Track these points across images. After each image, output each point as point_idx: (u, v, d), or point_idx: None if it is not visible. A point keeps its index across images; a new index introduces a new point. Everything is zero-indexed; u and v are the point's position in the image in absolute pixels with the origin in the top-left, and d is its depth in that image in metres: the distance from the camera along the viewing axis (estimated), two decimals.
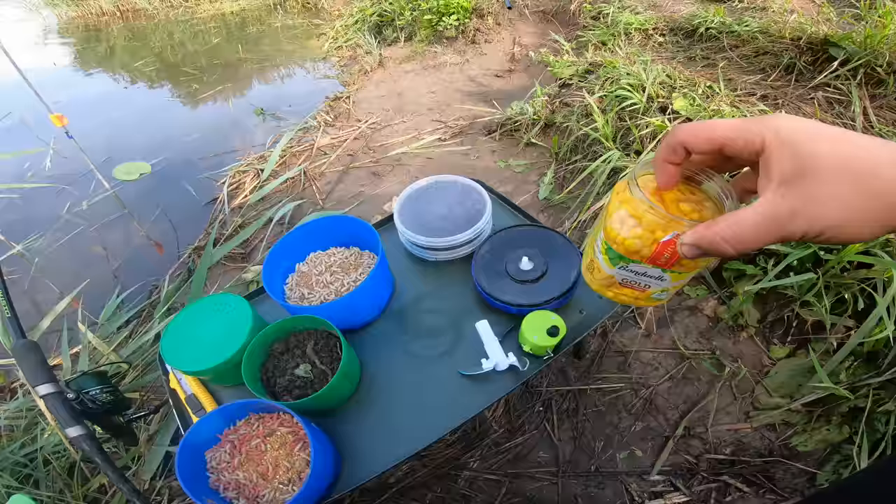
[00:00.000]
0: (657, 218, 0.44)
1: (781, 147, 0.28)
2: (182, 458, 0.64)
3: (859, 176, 0.26)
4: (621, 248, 0.48)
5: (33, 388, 0.71)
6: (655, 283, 0.53)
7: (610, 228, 0.49)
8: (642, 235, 0.46)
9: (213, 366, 0.73)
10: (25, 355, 0.72)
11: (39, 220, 1.99)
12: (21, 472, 1.08)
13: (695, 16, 2.51)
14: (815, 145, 0.27)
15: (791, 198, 0.27)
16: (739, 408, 1.09)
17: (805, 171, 0.27)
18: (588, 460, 1.05)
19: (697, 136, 0.32)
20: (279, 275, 0.88)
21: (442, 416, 0.75)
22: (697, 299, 1.28)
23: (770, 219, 0.28)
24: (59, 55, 4.12)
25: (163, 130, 2.68)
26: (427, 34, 3.35)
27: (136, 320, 1.53)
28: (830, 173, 0.26)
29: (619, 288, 0.56)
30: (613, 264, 0.52)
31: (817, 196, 0.27)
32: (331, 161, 2.13)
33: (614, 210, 0.49)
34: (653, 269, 0.50)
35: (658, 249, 0.46)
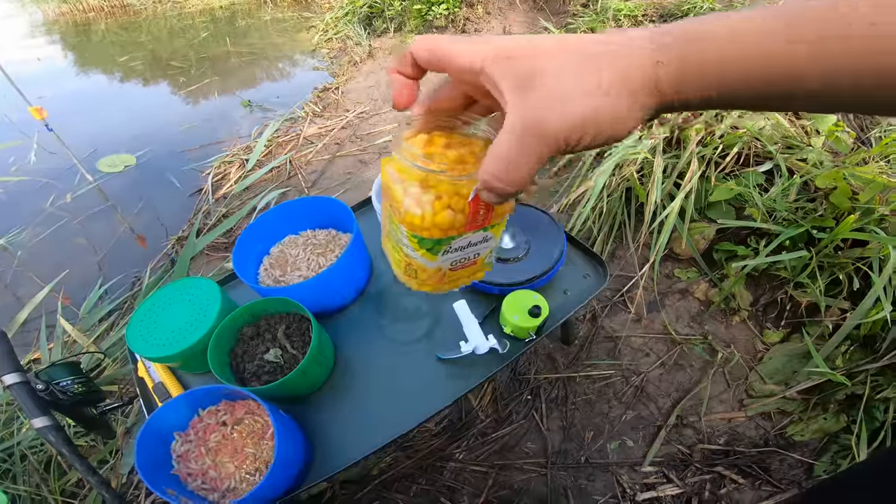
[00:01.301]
0: (447, 180, 0.39)
1: (505, 60, 0.25)
2: (142, 446, 0.60)
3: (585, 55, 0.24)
4: (435, 231, 0.42)
5: None
6: (483, 246, 0.49)
7: (409, 217, 0.42)
8: (448, 207, 0.41)
9: (178, 351, 0.70)
10: None
11: (23, 214, 1.96)
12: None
13: (685, 1, 2.50)
14: (536, 45, 0.25)
15: (531, 102, 0.24)
16: (733, 395, 1.07)
17: (534, 72, 0.24)
18: (578, 451, 1.03)
19: (423, 48, 0.29)
20: (252, 258, 0.84)
21: (420, 402, 0.72)
22: (688, 282, 1.25)
23: (522, 132, 0.25)
24: (45, 51, 4.06)
25: (149, 123, 2.65)
26: (417, 24, 3.31)
27: (118, 312, 1.51)
28: (558, 63, 0.24)
29: (452, 274, 0.52)
30: (435, 254, 0.46)
31: (555, 90, 0.24)
32: (317, 150, 2.10)
33: (402, 195, 0.42)
34: (475, 235, 0.45)
35: (472, 211, 0.41)
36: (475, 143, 0.39)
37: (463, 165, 0.38)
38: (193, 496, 0.62)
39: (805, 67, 0.21)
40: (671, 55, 0.23)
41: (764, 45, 0.22)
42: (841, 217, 1.07)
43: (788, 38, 0.21)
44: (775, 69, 0.22)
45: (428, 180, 0.39)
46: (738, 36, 0.22)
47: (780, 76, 0.22)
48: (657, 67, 0.24)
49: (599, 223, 1.33)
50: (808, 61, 0.21)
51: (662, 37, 0.24)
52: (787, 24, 0.21)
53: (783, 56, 0.22)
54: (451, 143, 0.39)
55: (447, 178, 0.38)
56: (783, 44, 0.21)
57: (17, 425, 1.14)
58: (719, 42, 0.23)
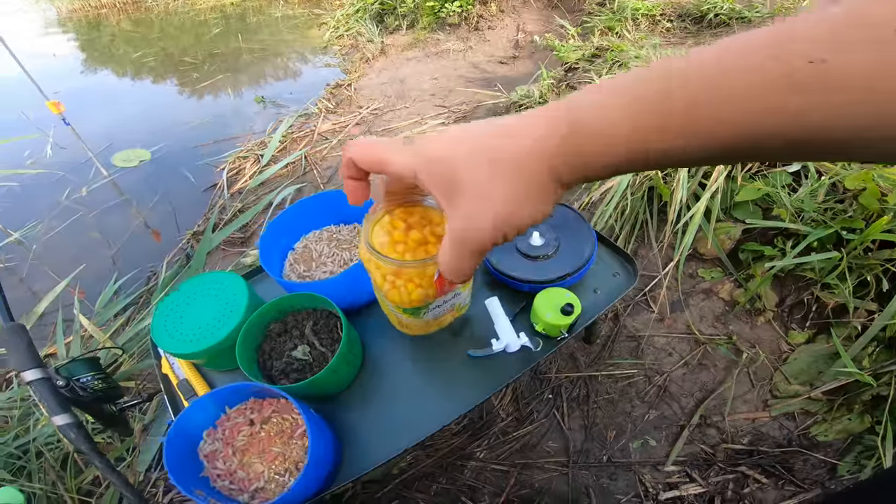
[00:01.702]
0: (416, 269, 0.50)
1: (432, 165, 0.28)
2: (170, 446, 0.59)
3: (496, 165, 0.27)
4: (415, 304, 0.55)
5: (20, 374, 0.66)
6: (456, 299, 0.63)
7: (392, 297, 0.54)
8: (419, 287, 0.52)
9: (206, 347, 0.69)
10: (12, 339, 0.68)
11: (38, 208, 1.96)
12: (14, 465, 1.05)
13: (704, 2, 2.48)
14: (452, 153, 0.28)
15: (457, 215, 0.28)
16: (757, 395, 1.05)
17: (455, 183, 0.28)
18: (600, 450, 1.01)
19: (363, 155, 0.32)
20: (277, 253, 0.83)
21: (450, 400, 0.71)
22: (712, 282, 1.23)
23: (457, 241, 0.29)
24: (59, 47, 4.08)
25: (163, 119, 2.66)
26: (429, 21, 3.30)
27: (134, 307, 1.50)
28: (473, 176, 0.27)
29: (437, 320, 0.66)
30: (418, 316, 0.60)
31: (472, 205, 0.27)
32: (332, 146, 2.09)
33: (381, 283, 0.54)
34: (447, 297, 0.59)
35: (438, 287, 0.52)
36: (433, 215, 0.49)
37: (425, 247, 0.49)
38: (221, 497, 0.61)
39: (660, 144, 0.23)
40: (563, 152, 0.26)
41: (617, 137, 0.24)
42: (870, 218, 1.05)
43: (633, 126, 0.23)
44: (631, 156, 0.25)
45: (400, 273, 0.51)
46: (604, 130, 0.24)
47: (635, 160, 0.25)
48: (556, 164, 0.26)
49: (621, 222, 1.31)
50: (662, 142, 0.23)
51: (555, 128, 0.26)
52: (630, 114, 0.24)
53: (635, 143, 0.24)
54: (412, 223, 0.49)
55: (414, 268, 0.49)
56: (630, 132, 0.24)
57: (32, 421, 1.13)
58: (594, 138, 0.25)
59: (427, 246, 0.51)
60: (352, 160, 0.32)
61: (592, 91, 0.26)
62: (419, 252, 0.50)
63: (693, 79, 0.21)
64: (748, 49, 0.20)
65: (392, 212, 0.52)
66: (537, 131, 0.26)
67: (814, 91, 0.18)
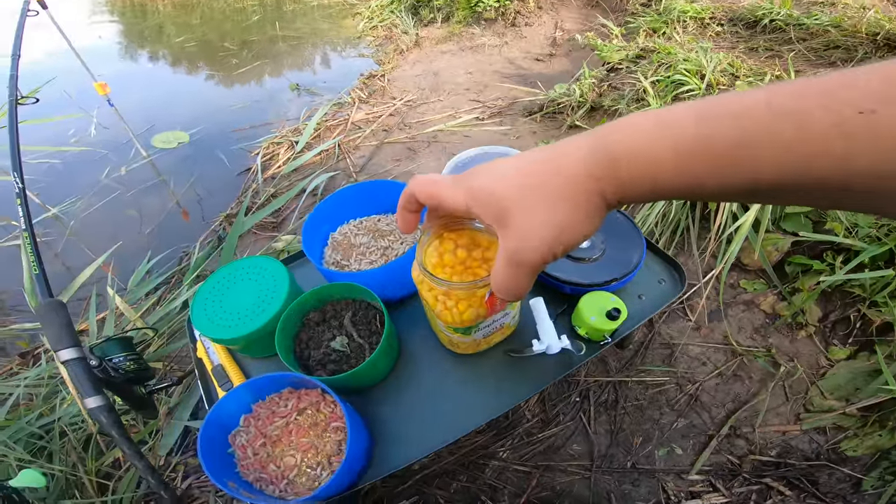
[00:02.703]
0: (466, 290, 0.52)
1: (482, 198, 0.31)
2: (205, 436, 0.58)
3: (543, 193, 0.29)
4: (466, 324, 0.57)
5: (55, 353, 0.66)
6: (507, 318, 0.64)
7: (443, 317, 0.57)
8: (471, 307, 0.55)
9: (245, 333, 0.68)
10: (50, 315, 0.68)
11: (78, 185, 2.00)
12: (35, 445, 1.05)
13: (758, 7, 2.40)
14: (501, 185, 0.30)
15: (509, 238, 0.30)
16: (790, 409, 1.02)
17: (505, 212, 0.30)
18: (625, 456, 1.00)
19: (423, 191, 0.35)
20: (318, 240, 0.82)
21: (486, 400, 0.69)
22: (754, 294, 1.19)
23: (511, 261, 0.31)
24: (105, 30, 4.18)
25: (202, 103, 2.70)
26: (465, 15, 3.27)
27: (165, 287, 1.51)
28: (521, 205, 0.29)
29: (486, 339, 0.67)
30: (468, 334, 0.61)
31: (523, 228, 0.29)
32: (365, 135, 2.09)
33: (433, 304, 0.56)
34: (497, 316, 0.60)
35: (489, 307, 0.55)
36: (481, 238, 0.52)
37: (474, 270, 0.51)
38: (253, 489, 0.60)
39: (703, 178, 0.24)
40: (608, 175, 0.27)
41: (661, 168, 0.25)
42: None
43: (676, 160, 0.24)
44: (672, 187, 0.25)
45: (450, 294, 0.54)
46: (648, 160, 0.25)
47: (677, 190, 0.26)
48: (599, 185, 0.27)
49: (662, 227, 1.27)
50: (706, 176, 0.24)
51: (601, 152, 0.27)
52: (673, 146, 0.24)
53: (677, 176, 0.25)
54: (462, 245, 0.52)
55: (465, 289, 0.52)
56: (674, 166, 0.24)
57: (58, 400, 1.12)
58: (638, 167, 0.26)
59: (476, 268, 0.53)
60: (413, 195, 0.36)
61: (638, 119, 0.26)
62: (467, 274, 0.53)
63: (739, 119, 0.22)
64: (799, 95, 0.20)
65: (442, 235, 0.54)
66: (580, 152, 0.28)
67: (862, 139, 0.19)
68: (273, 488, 0.60)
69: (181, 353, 1.27)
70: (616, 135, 0.27)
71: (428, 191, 0.35)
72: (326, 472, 0.60)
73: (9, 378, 1.23)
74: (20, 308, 1.51)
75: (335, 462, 0.60)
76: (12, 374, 1.28)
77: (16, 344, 1.39)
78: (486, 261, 0.55)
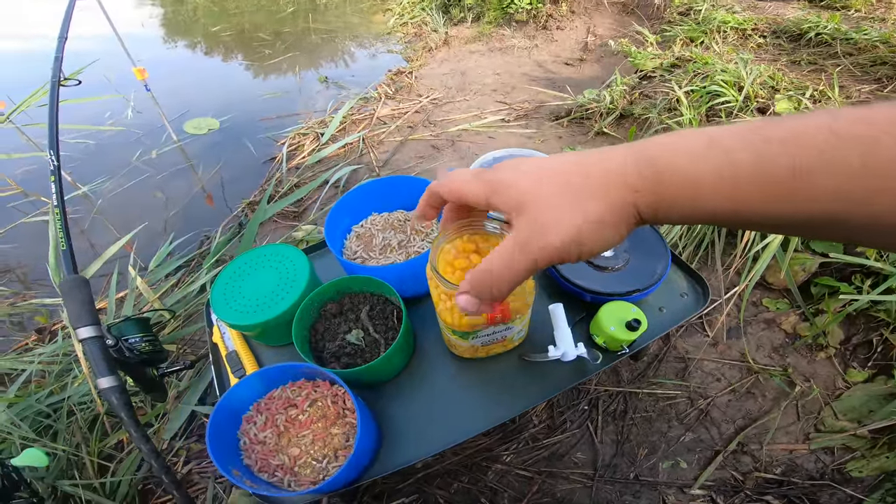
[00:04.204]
0: None
1: (501, 194, 0.30)
2: (214, 422, 0.58)
3: (567, 186, 0.28)
4: (462, 328, 0.57)
5: (74, 329, 0.67)
6: (507, 332, 0.63)
7: (443, 316, 0.57)
8: None
9: (262, 320, 0.68)
10: (73, 292, 0.68)
11: (110, 166, 2.05)
12: (41, 423, 1.05)
13: (804, 20, 2.35)
14: (525, 179, 0.29)
15: (526, 219, 0.29)
16: (801, 428, 1.01)
17: (523, 204, 0.29)
18: (628, 466, 0.99)
19: (445, 186, 0.36)
20: (340, 231, 0.83)
21: (497, 403, 0.68)
22: (776, 313, 1.16)
23: (517, 245, 0.29)
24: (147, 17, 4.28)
25: (234, 90, 2.75)
26: (496, 16, 3.25)
27: (185, 269, 1.54)
28: (537, 196, 0.28)
29: (485, 348, 0.67)
30: (465, 339, 0.61)
31: (540, 215, 0.28)
32: (390, 131, 2.10)
33: (438, 301, 0.57)
34: (497, 327, 0.60)
35: (489, 318, 0.55)
36: (493, 240, 0.52)
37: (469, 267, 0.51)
38: (256, 478, 0.60)
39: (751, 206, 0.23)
40: (646, 189, 0.26)
41: (703, 190, 0.24)
42: None
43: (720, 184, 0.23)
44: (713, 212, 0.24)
45: (452, 293, 0.52)
46: (690, 181, 0.24)
47: (717, 216, 0.24)
48: (635, 197, 0.26)
49: (686, 240, 1.25)
50: (756, 204, 0.22)
51: (642, 163, 0.26)
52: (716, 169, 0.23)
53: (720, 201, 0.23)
54: (477, 249, 0.53)
55: None
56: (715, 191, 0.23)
57: (70, 378, 1.12)
58: (679, 187, 0.25)
59: None
60: (436, 191, 0.37)
61: (689, 136, 0.25)
62: None
63: (798, 143, 0.20)
64: (867, 121, 0.19)
65: (457, 238, 0.54)
66: (619, 160, 0.27)
67: None
68: (277, 478, 0.60)
69: (195, 337, 1.28)
70: (663, 149, 0.25)
71: (450, 186, 0.35)
72: (332, 466, 0.59)
73: (23, 353, 1.25)
74: (42, 282, 1.55)
75: (341, 456, 0.60)
76: (27, 349, 1.30)
77: (34, 319, 1.42)
78: None
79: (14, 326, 1.42)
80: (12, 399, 1.06)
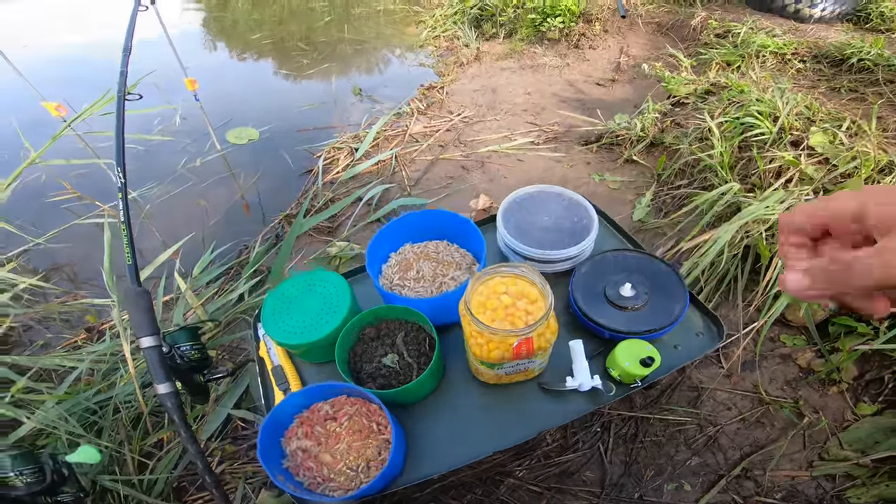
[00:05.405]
0: (499, 336, 0.61)
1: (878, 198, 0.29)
2: (264, 434, 0.66)
3: None
4: (490, 360, 0.64)
5: (138, 339, 0.72)
6: (531, 364, 0.70)
7: (473, 349, 0.65)
8: (498, 349, 0.62)
9: (309, 341, 0.76)
10: (137, 303, 0.74)
11: (157, 172, 2.15)
12: (88, 419, 1.09)
13: (847, 45, 2.30)
14: None
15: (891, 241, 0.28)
16: (805, 456, 1.03)
17: None
18: (634, 486, 1.02)
19: (809, 212, 0.33)
20: (378, 259, 0.90)
21: (516, 426, 0.75)
22: (793, 348, 1.19)
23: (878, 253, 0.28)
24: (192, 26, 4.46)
25: (274, 100, 2.83)
26: (528, 33, 3.30)
27: (224, 278, 1.60)
28: None
29: (508, 377, 0.74)
30: (491, 368, 0.69)
31: None
32: (421, 149, 2.16)
33: (469, 336, 0.65)
34: (521, 361, 0.66)
35: (515, 352, 0.62)
36: (530, 291, 0.63)
37: (512, 319, 0.62)
38: (296, 483, 0.67)
39: None
40: None
41: None
42: None
43: None
44: None
45: (483, 333, 0.62)
46: None
47: None
48: None
49: (707, 275, 1.28)
50: None
51: None
52: None
53: None
54: (510, 291, 0.64)
55: (499, 336, 0.61)
56: None
57: (117, 377, 1.16)
58: None
59: (516, 317, 0.62)
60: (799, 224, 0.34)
61: None
62: (507, 321, 0.62)
63: None
64: None
65: (489, 280, 0.63)
66: None
67: None
68: (315, 483, 0.67)
69: (233, 345, 1.35)
70: None
71: (811, 209, 0.33)
72: (364, 475, 0.66)
73: (72, 351, 1.31)
74: (92, 282, 1.63)
75: (373, 466, 0.67)
76: (76, 347, 1.37)
77: (84, 318, 1.49)
78: (529, 313, 0.62)
79: (64, 324, 1.49)
80: (62, 396, 1.11)
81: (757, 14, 3.01)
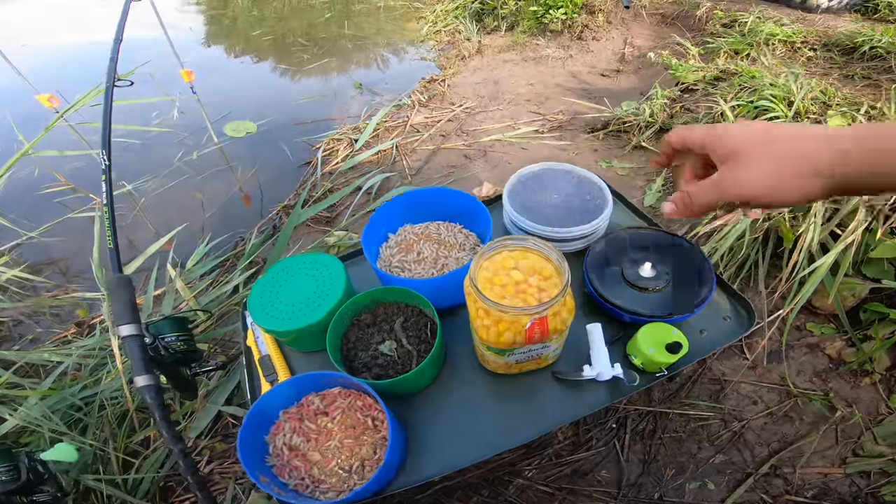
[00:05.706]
0: (510, 315, 0.53)
1: (720, 140, 0.37)
2: (245, 431, 0.59)
3: (774, 147, 0.34)
4: (501, 346, 0.57)
5: (116, 327, 0.67)
6: (544, 350, 0.62)
7: (480, 332, 0.57)
8: (509, 330, 0.55)
9: (298, 327, 0.69)
10: (117, 290, 0.69)
11: (153, 165, 2.11)
12: (73, 416, 1.05)
13: (858, 33, 2.27)
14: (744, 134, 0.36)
15: (724, 170, 0.36)
16: (838, 452, 0.97)
17: (736, 152, 0.35)
18: (654, 486, 0.96)
19: (673, 135, 0.42)
20: (375, 240, 0.83)
21: (527, 420, 0.67)
22: (821, 338, 1.12)
23: (711, 183, 0.37)
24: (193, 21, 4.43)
25: (272, 94, 2.80)
26: (530, 25, 3.24)
27: (219, 270, 1.56)
28: (752, 147, 0.35)
29: (518, 365, 0.66)
30: (501, 355, 0.60)
31: (741, 165, 0.35)
32: (423, 139, 2.11)
33: (475, 317, 0.57)
34: (534, 346, 0.58)
35: (528, 336, 0.55)
36: (544, 266, 0.56)
37: (524, 295, 0.54)
38: (282, 485, 0.60)
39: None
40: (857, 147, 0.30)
41: None
42: None
43: None
44: None
45: (490, 313, 0.54)
46: None
47: None
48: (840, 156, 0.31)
49: (727, 260, 1.21)
50: None
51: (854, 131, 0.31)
52: None
53: None
54: (521, 266, 0.56)
55: (510, 316, 0.53)
56: None
57: (104, 373, 1.12)
58: None
59: (528, 294, 0.54)
60: (668, 142, 0.43)
61: None
62: (518, 298, 0.54)
63: None
64: None
65: (497, 254, 0.56)
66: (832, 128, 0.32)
67: None
68: (303, 485, 0.60)
69: (226, 338, 1.29)
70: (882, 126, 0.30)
71: (678, 131, 0.41)
72: (358, 476, 0.59)
73: (61, 346, 1.27)
74: (84, 276, 1.60)
75: (367, 466, 0.60)
76: (65, 342, 1.33)
77: (75, 312, 1.45)
78: (542, 290, 0.54)
79: (54, 318, 1.46)
80: (45, 392, 1.06)
81: (764, 4, 2.97)
